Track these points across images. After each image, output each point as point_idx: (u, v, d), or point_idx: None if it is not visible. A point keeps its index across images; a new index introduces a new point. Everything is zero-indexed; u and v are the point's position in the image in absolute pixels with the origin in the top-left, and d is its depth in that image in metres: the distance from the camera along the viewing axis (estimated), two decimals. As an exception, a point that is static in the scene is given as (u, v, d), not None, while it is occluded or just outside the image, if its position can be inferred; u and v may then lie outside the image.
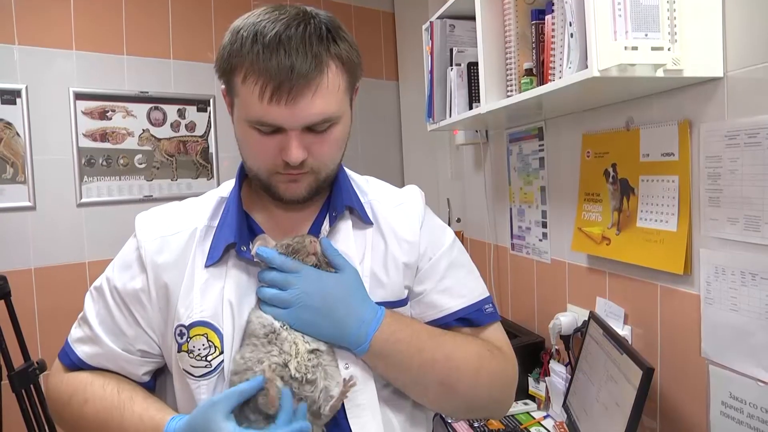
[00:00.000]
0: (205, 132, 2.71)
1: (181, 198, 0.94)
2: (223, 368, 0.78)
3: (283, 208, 0.88)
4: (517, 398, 1.75)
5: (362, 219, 0.89)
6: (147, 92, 2.56)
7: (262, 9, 0.76)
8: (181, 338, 0.79)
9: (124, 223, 2.44)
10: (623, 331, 1.45)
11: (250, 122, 0.76)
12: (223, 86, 0.81)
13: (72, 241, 2.39)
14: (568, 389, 1.53)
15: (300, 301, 0.77)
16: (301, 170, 0.79)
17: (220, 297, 0.81)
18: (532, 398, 1.75)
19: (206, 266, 0.82)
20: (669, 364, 1.31)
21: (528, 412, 1.69)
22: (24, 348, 1.84)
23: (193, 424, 0.71)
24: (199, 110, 2.69)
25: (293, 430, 0.70)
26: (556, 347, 1.69)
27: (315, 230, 0.88)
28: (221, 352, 0.78)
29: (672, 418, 1.31)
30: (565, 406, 1.51)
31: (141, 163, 2.55)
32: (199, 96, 2.68)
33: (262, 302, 0.79)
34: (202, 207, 0.90)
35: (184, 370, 0.79)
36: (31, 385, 1.77)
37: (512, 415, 1.67)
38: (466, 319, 0.89)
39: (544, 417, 1.66)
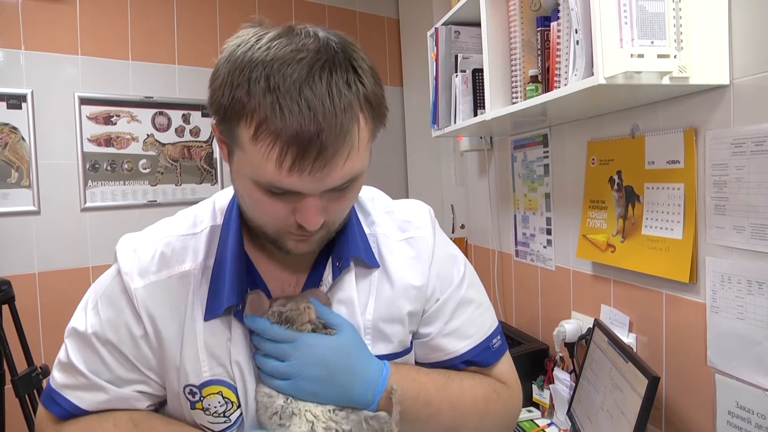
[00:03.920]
0: (210, 137, 2.72)
1: (184, 204, 0.91)
2: (242, 420, 0.77)
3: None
4: (521, 405, 1.74)
5: (368, 264, 0.83)
6: (152, 97, 2.56)
7: (268, 35, 0.62)
8: (194, 397, 0.75)
9: (127, 228, 2.42)
10: (628, 339, 1.44)
11: (258, 184, 0.64)
12: (214, 122, 0.66)
13: (76, 246, 2.38)
14: (572, 397, 1.52)
15: (300, 373, 0.72)
16: (315, 230, 0.69)
17: (228, 354, 0.75)
18: (536, 406, 1.74)
19: (206, 320, 0.75)
20: (675, 372, 1.31)
21: (532, 420, 1.68)
22: (27, 353, 1.84)
23: None
24: (203, 115, 2.70)
25: None
26: (561, 354, 1.68)
27: (317, 275, 0.82)
28: (239, 406, 0.76)
29: (678, 427, 1.30)
30: (569, 413, 1.50)
31: (145, 168, 2.55)
32: (203, 101, 2.62)
33: (262, 372, 0.74)
34: (193, 241, 0.80)
35: (202, 425, 0.77)
36: (35, 390, 1.77)
37: (516, 423, 1.66)
38: (473, 361, 0.87)
39: (548, 425, 1.65)
